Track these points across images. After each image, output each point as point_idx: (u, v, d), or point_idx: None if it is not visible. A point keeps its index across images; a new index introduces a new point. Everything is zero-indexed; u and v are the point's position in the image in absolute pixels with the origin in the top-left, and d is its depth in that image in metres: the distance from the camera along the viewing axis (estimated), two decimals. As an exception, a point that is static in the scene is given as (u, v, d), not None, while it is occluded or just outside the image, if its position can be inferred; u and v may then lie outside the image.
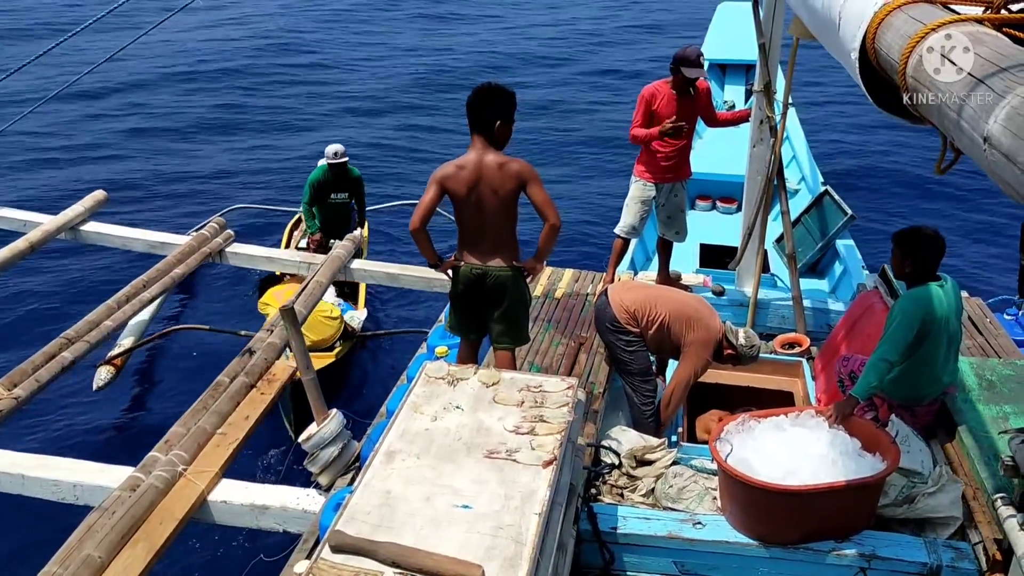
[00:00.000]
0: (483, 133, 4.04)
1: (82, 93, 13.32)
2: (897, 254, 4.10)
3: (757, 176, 5.83)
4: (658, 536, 3.75)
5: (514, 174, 4.00)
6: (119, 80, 14.96)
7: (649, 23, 20.38)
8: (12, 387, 4.88)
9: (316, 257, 7.09)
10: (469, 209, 4.10)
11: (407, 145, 12.61)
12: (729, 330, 4.55)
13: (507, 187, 4.02)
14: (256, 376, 5.10)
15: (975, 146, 1.58)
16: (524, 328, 4.43)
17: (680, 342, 4.52)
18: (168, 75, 15.50)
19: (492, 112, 4.01)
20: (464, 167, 4.03)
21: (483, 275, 4.19)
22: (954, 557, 3.63)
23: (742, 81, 10.33)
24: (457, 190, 4.05)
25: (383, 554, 2.64)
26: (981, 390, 4.48)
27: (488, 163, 4.01)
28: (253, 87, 15.15)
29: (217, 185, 11.14)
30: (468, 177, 4.02)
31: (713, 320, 4.56)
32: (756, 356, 4.63)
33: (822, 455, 3.67)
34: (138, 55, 14.97)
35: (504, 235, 4.16)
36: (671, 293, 4.80)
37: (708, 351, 4.52)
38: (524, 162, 4.06)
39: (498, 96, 4.03)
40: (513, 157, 4.07)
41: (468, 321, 4.41)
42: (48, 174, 11.29)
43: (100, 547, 3.68)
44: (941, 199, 10.93)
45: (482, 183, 4.02)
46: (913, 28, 1.90)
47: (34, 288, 8.55)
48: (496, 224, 4.12)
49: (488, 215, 4.09)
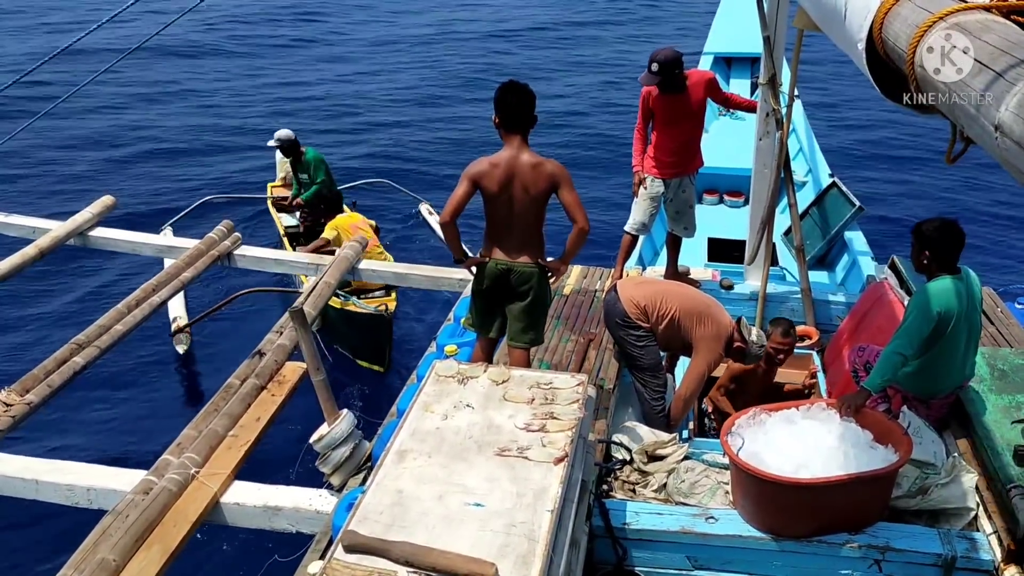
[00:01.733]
0: (521, 132, 4.03)
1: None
2: (916, 246, 4.04)
3: (764, 169, 5.81)
4: (671, 531, 3.74)
5: (548, 175, 3.99)
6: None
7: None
8: (25, 393, 4.90)
9: (324, 258, 7.10)
10: (500, 206, 4.09)
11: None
12: (744, 325, 4.58)
13: (540, 187, 4.01)
14: (266, 378, 5.11)
15: (986, 135, 1.57)
16: (542, 328, 4.39)
17: (690, 337, 4.52)
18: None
19: (529, 111, 4.01)
20: (498, 165, 4.02)
21: (508, 271, 4.18)
22: (968, 548, 3.61)
23: (747, 74, 10.29)
24: (490, 187, 4.04)
25: (396, 553, 2.65)
26: (993, 380, 4.45)
27: (523, 162, 4.00)
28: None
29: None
30: (502, 175, 4.01)
31: (723, 315, 4.56)
32: (760, 356, 4.72)
33: (834, 448, 3.66)
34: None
35: (532, 234, 4.16)
36: (681, 288, 4.80)
37: (720, 345, 4.52)
38: (558, 163, 4.05)
39: (531, 94, 4.02)
40: (547, 158, 4.06)
41: (488, 318, 4.38)
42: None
43: (115, 550, 3.70)
44: (951, 188, 10.90)
45: (515, 182, 4.01)
46: (921, 17, 1.89)
47: (44, 294, 8.60)
48: (525, 222, 4.11)
49: (518, 213, 4.08)
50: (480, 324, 4.41)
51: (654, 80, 5.40)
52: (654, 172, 5.78)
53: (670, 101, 5.52)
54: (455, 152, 12.28)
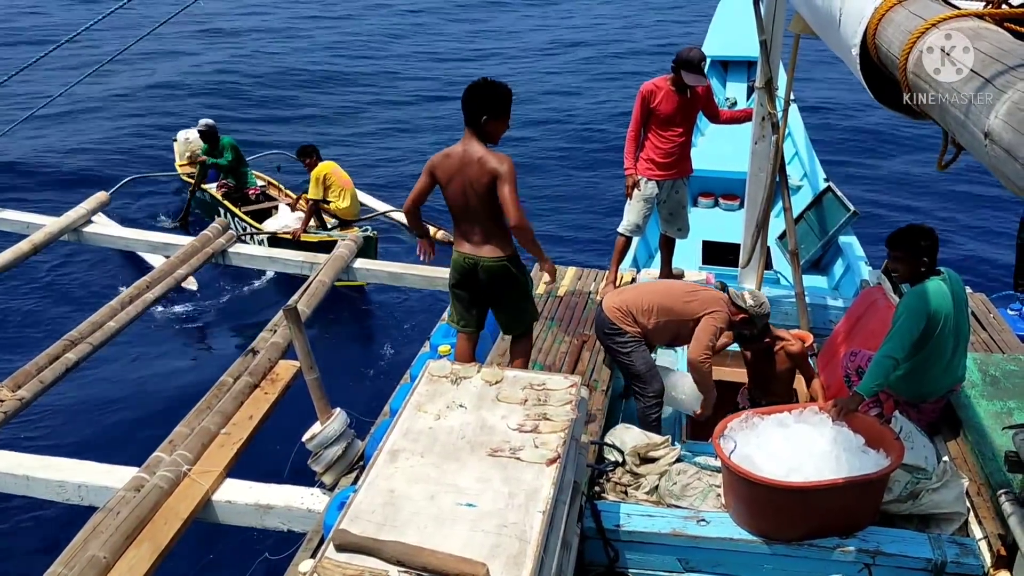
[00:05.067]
0: (471, 127, 4.11)
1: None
2: (894, 257, 4.07)
3: (759, 173, 5.82)
4: (662, 533, 3.75)
5: (489, 170, 4.03)
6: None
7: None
8: (16, 388, 4.89)
9: (319, 257, 7.10)
10: (454, 197, 4.18)
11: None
12: (734, 295, 4.53)
13: (482, 181, 4.06)
14: (260, 376, 5.11)
15: (976, 142, 1.58)
16: (528, 311, 4.47)
17: (690, 314, 4.52)
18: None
19: (479, 107, 4.05)
20: (450, 156, 4.14)
21: (475, 264, 4.24)
22: (959, 553, 3.62)
23: (744, 78, 10.31)
24: (441, 178, 4.18)
25: (387, 553, 2.65)
26: (985, 385, 4.47)
27: (469, 155, 4.08)
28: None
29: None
30: (452, 166, 4.12)
31: (712, 291, 4.59)
32: (768, 312, 4.60)
33: (826, 451, 3.67)
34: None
35: (491, 226, 4.19)
36: (659, 284, 4.95)
37: (717, 318, 4.48)
38: (504, 158, 4.06)
39: (489, 92, 4.06)
40: (498, 153, 4.11)
41: (467, 313, 4.45)
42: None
43: (105, 547, 3.69)
44: (942, 195, 10.93)
45: (462, 174, 4.10)
46: (914, 24, 1.90)
47: (37, 290, 8.58)
48: (480, 214, 4.15)
49: (471, 206, 4.14)
50: (458, 319, 4.49)
51: (703, 81, 5.49)
52: (648, 174, 5.79)
53: (678, 100, 5.54)
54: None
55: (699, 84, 5.51)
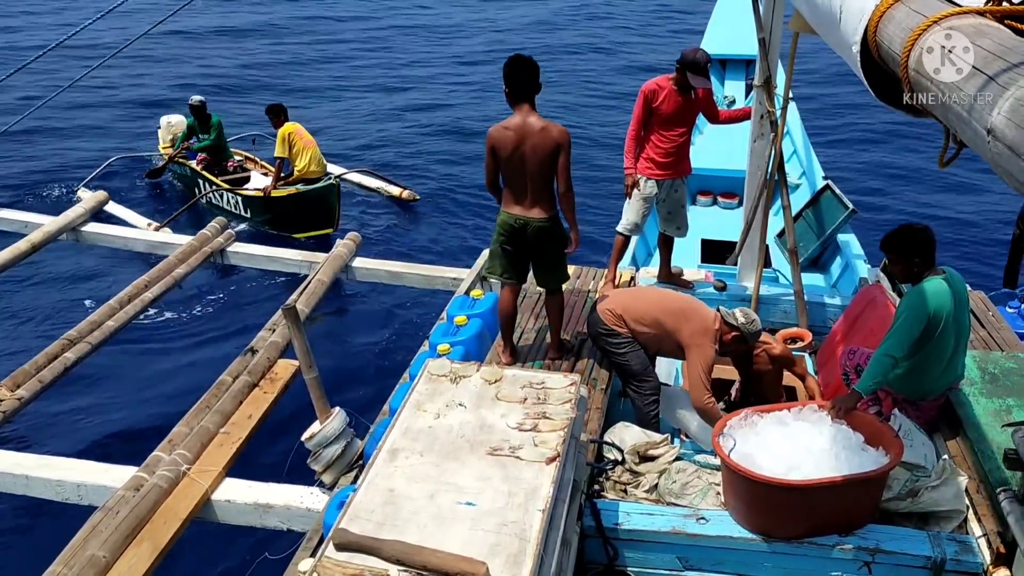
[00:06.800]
0: (527, 100, 4.50)
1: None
2: (891, 259, 4.06)
3: (758, 171, 5.82)
4: (662, 532, 3.74)
5: (554, 138, 4.46)
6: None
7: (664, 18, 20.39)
8: (15, 388, 4.89)
9: (318, 256, 7.10)
10: (513, 166, 4.53)
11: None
12: (725, 314, 4.52)
13: (546, 149, 4.47)
14: (259, 375, 5.11)
15: (978, 139, 1.58)
16: (564, 268, 4.98)
17: (678, 336, 4.51)
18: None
19: (531, 82, 4.47)
20: (509, 128, 4.49)
21: (525, 224, 4.64)
22: (958, 550, 3.62)
23: (742, 76, 10.31)
24: (500, 149, 4.51)
25: (387, 552, 2.64)
26: (984, 383, 4.47)
27: (532, 125, 4.46)
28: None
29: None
30: (511, 138, 4.47)
31: (704, 308, 4.60)
32: (760, 330, 4.59)
33: (825, 450, 3.67)
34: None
35: (543, 189, 4.59)
36: (655, 292, 5.02)
37: (709, 339, 4.47)
38: (564, 129, 4.51)
39: (534, 65, 4.48)
40: (553, 123, 4.51)
41: (511, 267, 4.86)
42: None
43: (104, 547, 3.69)
44: (943, 192, 10.93)
45: (526, 143, 4.46)
46: (915, 21, 1.89)
47: (36, 289, 8.56)
48: (536, 179, 4.54)
49: (530, 172, 4.52)
50: (502, 272, 4.91)
51: (708, 84, 5.53)
52: (648, 173, 5.79)
53: (680, 101, 5.54)
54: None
55: (704, 87, 5.52)
